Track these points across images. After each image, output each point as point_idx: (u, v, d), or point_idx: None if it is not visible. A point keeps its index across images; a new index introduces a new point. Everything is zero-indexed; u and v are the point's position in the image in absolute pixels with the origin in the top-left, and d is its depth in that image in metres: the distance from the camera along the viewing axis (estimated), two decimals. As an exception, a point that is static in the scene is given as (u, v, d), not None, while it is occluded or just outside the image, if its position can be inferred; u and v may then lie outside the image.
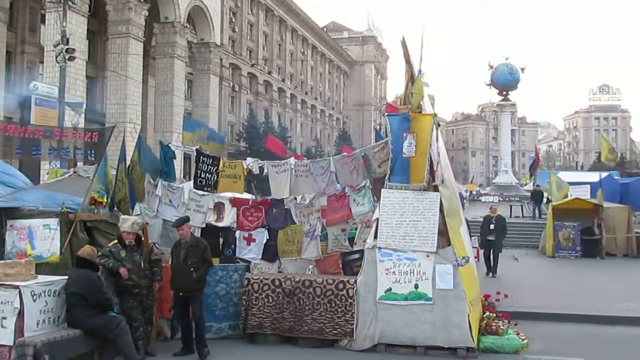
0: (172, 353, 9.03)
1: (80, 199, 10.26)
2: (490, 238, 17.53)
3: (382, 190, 9.88)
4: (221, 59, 61.06)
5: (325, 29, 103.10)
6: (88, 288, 7.73)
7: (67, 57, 26.81)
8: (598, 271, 19.62)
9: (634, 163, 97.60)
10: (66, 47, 26.67)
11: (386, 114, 11.39)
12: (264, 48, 76.73)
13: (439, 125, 10.65)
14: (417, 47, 10.30)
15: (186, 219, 9.58)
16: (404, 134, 9.70)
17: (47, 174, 19.88)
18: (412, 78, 10.38)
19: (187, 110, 53.57)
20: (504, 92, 49.37)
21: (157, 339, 9.67)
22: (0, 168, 11.40)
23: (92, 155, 11.63)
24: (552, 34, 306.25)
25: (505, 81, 47.90)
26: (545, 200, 31.25)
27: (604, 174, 27.15)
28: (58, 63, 27.46)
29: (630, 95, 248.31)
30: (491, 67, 48.16)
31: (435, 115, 10.31)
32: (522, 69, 48.40)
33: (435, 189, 9.71)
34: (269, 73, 77.23)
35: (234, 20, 68.56)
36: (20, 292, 7.34)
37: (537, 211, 33.95)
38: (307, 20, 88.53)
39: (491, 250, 17.62)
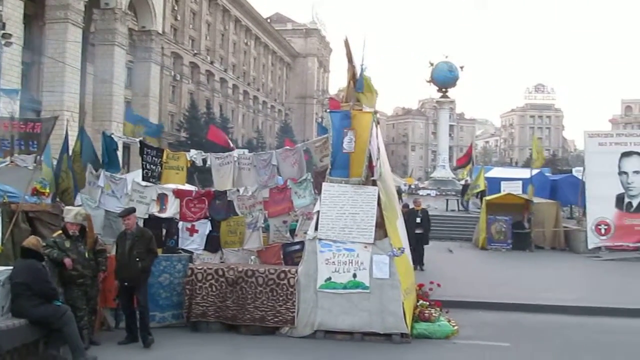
0: (117, 342, 9.17)
1: (21, 189, 10.20)
2: (418, 231, 17.47)
3: (323, 183, 10.29)
4: (162, 48, 60.12)
5: (269, 20, 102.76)
6: (33, 278, 7.76)
7: (2, 42, 26.08)
8: (526, 263, 20.56)
9: (564, 160, 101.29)
10: (2, 32, 25.94)
11: (328, 110, 11.77)
12: (206, 37, 75.94)
13: (378, 122, 11.11)
14: (360, 44, 10.70)
15: (132, 210, 9.70)
16: (345, 130, 10.14)
17: (-18, 163, 19.37)
18: (354, 77, 10.80)
19: (127, 98, 52.56)
20: (443, 89, 50.64)
21: (100, 329, 9.76)
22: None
23: (35, 145, 11.52)
24: (491, 34, 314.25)
25: (444, 78, 49.15)
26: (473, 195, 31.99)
27: (535, 171, 28.37)
28: (-7, 48, 26.69)
29: (563, 95, 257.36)
30: (431, 64, 49.32)
31: (375, 113, 10.76)
32: (462, 67, 49.81)
33: (374, 183, 10.18)
34: (212, 63, 76.50)
35: (176, 8, 67.61)
36: (-36, 282, 7.34)
37: (464, 204, 34.93)
38: (250, 10, 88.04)
39: (419, 243, 17.37)
